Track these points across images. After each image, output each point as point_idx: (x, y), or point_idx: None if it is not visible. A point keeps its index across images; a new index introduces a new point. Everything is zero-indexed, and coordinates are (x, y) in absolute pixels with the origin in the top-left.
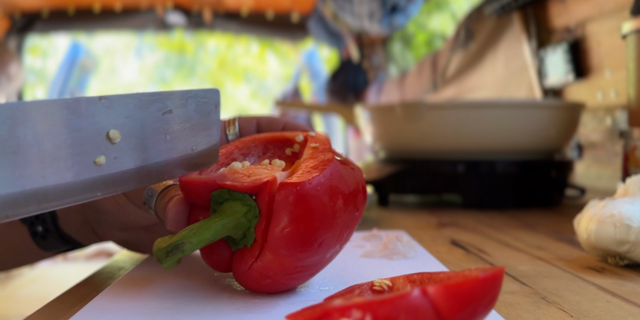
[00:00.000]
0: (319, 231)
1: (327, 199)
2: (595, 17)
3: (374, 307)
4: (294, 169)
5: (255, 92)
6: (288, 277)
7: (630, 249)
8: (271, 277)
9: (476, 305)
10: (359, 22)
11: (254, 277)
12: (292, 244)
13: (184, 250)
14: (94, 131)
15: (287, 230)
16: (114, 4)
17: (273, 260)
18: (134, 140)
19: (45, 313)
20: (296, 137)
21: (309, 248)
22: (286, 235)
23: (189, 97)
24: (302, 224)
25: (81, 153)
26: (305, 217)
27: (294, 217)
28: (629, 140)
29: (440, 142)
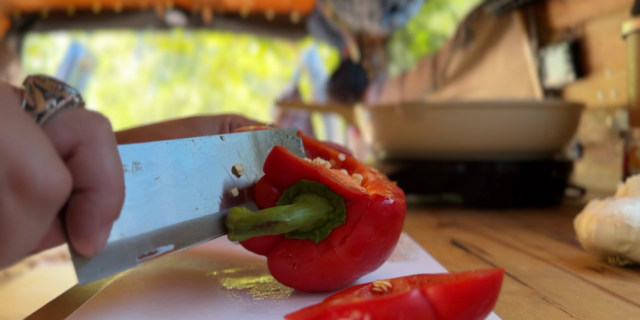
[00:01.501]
0: (391, 246)
1: (403, 219)
2: (595, 17)
3: (372, 307)
4: (370, 186)
5: (255, 92)
6: (337, 279)
7: (630, 249)
8: (324, 277)
9: (475, 306)
10: (359, 22)
11: (307, 271)
12: (369, 252)
13: (273, 230)
14: (222, 165)
15: (372, 239)
16: (113, 4)
17: (338, 262)
18: (253, 173)
19: (45, 313)
20: (339, 156)
21: (378, 259)
22: (368, 244)
23: (280, 134)
24: (385, 238)
25: (219, 186)
26: (390, 232)
27: (383, 230)
28: (629, 140)
29: (440, 142)
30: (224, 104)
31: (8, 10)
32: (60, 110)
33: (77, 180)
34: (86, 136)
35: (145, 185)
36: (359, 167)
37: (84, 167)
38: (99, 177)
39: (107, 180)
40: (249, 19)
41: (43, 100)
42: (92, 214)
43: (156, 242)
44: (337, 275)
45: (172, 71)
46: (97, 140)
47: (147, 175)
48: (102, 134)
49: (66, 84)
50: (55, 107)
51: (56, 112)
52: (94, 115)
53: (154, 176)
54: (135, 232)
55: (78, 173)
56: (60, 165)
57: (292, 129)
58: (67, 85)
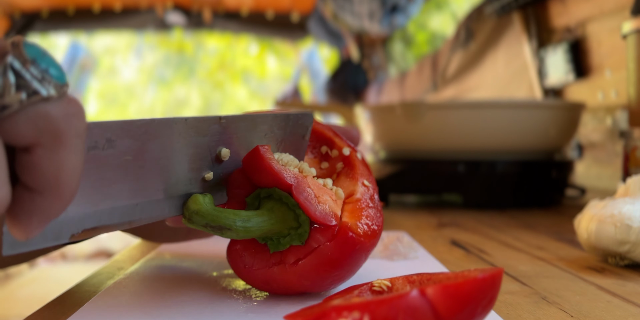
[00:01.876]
0: (346, 277)
1: (366, 255)
2: (595, 17)
3: (372, 307)
4: (350, 207)
5: (255, 92)
6: (283, 290)
7: (630, 249)
8: (270, 284)
9: (475, 306)
10: (359, 22)
11: (255, 275)
12: (318, 280)
13: (223, 234)
14: (209, 149)
15: (325, 270)
16: (113, 4)
17: (286, 279)
18: (240, 159)
19: (45, 313)
20: (343, 149)
21: (329, 286)
22: (320, 273)
23: (289, 119)
24: (339, 271)
25: (195, 169)
26: (346, 267)
27: (339, 264)
28: (629, 140)
29: (440, 142)
30: (223, 104)
31: (8, 11)
32: (29, 105)
33: (25, 178)
34: (48, 138)
35: (109, 164)
36: (354, 172)
37: (35, 169)
38: (48, 183)
39: (57, 186)
40: (249, 19)
41: (13, 92)
42: (31, 214)
43: (95, 219)
44: (284, 288)
45: (172, 71)
46: (59, 144)
47: (117, 153)
48: (68, 138)
49: (49, 68)
50: (23, 103)
51: (22, 108)
52: (67, 114)
53: (125, 156)
54: (76, 211)
55: (28, 172)
56: (3, 183)
57: (305, 114)
58: (51, 68)
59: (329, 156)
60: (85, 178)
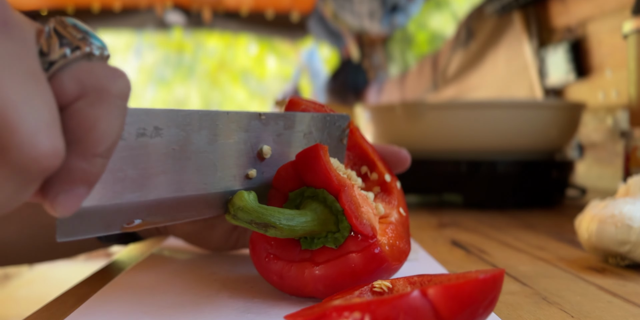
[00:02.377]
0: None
1: (382, 276)
2: (596, 16)
3: (372, 307)
4: (384, 227)
5: (255, 92)
6: (293, 289)
7: (631, 250)
8: (283, 279)
9: (476, 307)
10: (359, 22)
11: (273, 266)
12: (332, 286)
13: (267, 231)
14: (251, 146)
15: (344, 279)
16: (113, 4)
17: (301, 279)
18: (280, 157)
19: (45, 313)
20: (385, 175)
21: (333, 292)
22: (338, 281)
23: (327, 120)
24: (353, 281)
25: (239, 165)
26: (361, 280)
27: (358, 277)
28: (630, 140)
29: (440, 142)
30: (223, 104)
31: None
32: (74, 61)
33: (63, 131)
34: (92, 92)
35: (157, 153)
36: (392, 198)
37: (74, 118)
38: (85, 134)
39: (93, 139)
40: (248, 19)
41: (57, 48)
42: (72, 176)
43: (144, 211)
44: (295, 287)
45: (172, 71)
46: (100, 99)
47: (164, 142)
48: (111, 94)
49: (89, 34)
50: (68, 57)
51: (68, 63)
52: (112, 72)
53: (172, 145)
54: (126, 200)
55: (66, 123)
56: (54, 135)
57: (343, 116)
58: (91, 35)
59: (368, 178)
60: (133, 166)
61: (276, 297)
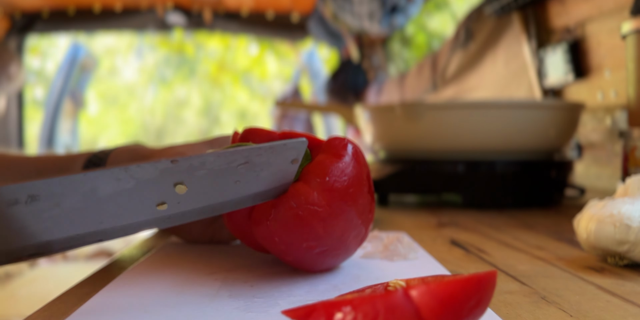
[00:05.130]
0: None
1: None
2: (594, 17)
3: (355, 304)
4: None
5: (255, 93)
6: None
7: (629, 249)
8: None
9: (459, 308)
10: (358, 22)
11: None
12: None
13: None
14: (162, 186)
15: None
16: (114, 4)
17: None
18: (201, 188)
19: (45, 313)
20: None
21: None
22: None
23: (274, 150)
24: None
25: (144, 200)
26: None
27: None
28: (628, 140)
29: (440, 142)
30: (224, 105)
31: (9, 11)
32: None
33: None
34: None
35: (35, 213)
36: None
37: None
38: None
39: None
40: (249, 19)
41: None
42: None
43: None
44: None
45: (173, 71)
46: None
47: (44, 204)
48: None
49: None
50: None
51: None
52: None
53: (53, 204)
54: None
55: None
56: None
57: (298, 142)
58: None
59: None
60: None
61: (277, 296)
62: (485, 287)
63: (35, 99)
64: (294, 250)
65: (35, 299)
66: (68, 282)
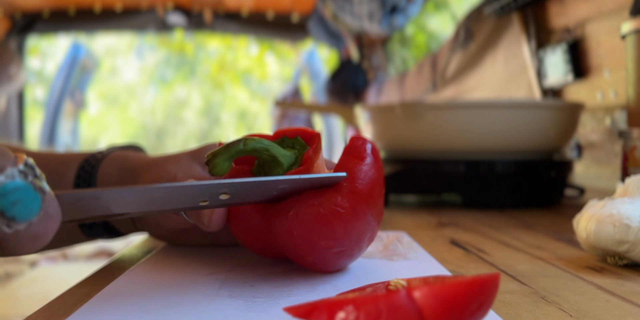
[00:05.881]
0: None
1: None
2: (594, 17)
3: (357, 304)
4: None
5: (255, 93)
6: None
7: (629, 249)
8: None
9: (462, 310)
10: (358, 23)
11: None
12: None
13: (245, 144)
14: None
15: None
16: (114, 4)
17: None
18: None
19: (45, 313)
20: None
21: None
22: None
23: (313, 181)
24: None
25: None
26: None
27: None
28: (628, 140)
29: (440, 142)
30: (224, 105)
31: (9, 11)
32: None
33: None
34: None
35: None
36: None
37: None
38: None
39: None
40: (249, 20)
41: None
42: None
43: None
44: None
45: (173, 72)
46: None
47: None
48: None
49: (13, 220)
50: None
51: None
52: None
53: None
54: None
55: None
56: None
57: (336, 176)
58: (14, 220)
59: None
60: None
61: (277, 296)
62: (488, 290)
63: (35, 99)
64: (310, 248)
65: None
66: (68, 282)
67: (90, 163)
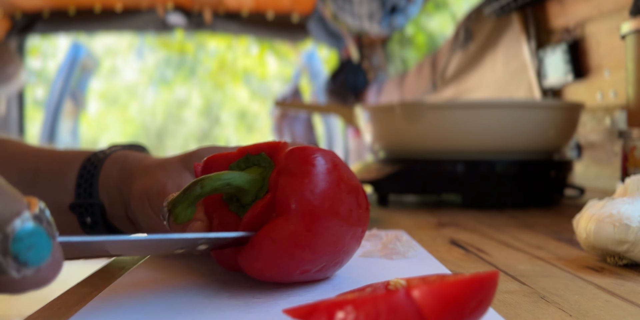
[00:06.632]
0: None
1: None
2: (594, 17)
3: (357, 304)
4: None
5: (255, 93)
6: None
7: (629, 249)
8: (278, 243)
9: (461, 308)
10: (358, 23)
11: (265, 244)
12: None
13: (203, 186)
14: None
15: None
16: (114, 4)
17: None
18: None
19: (46, 313)
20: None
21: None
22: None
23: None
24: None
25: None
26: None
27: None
28: (627, 140)
29: (439, 142)
30: (224, 105)
31: (9, 11)
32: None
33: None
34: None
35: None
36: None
37: None
38: None
39: None
40: (249, 20)
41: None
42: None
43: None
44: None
45: (173, 72)
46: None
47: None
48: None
49: (25, 265)
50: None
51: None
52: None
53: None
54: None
55: None
56: None
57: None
58: (26, 265)
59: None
60: None
61: (276, 296)
62: (487, 288)
63: (35, 99)
64: (288, 278)
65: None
66: (68, 282)
67: (93, 162)
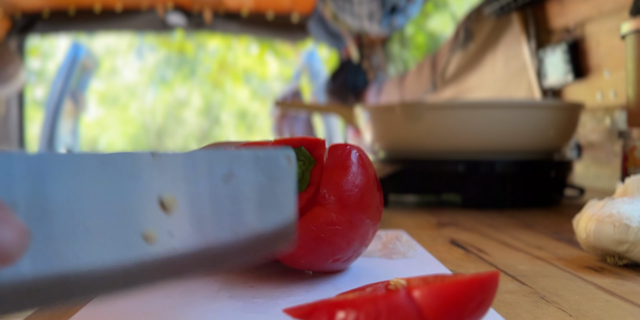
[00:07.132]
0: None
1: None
2: (594, 17)
3: (357, 304)
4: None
5: (256, 93)
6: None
7: (629, 249)
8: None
9: (462, 309)
10: (358, 23)
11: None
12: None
13: None
14: (144, 196)
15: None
16: (114, 5)
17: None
18: (191, 212)
19: (46, 313)
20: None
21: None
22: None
23: (259, 158)
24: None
25: (126, 223)
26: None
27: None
28: (627, 140)
29: (439, 142)
30: (224, 105)
31: (9, 11)
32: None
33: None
34: None
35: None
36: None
37: None
38: None
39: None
40: (249, 20)
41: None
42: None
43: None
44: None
45: (173, 72)
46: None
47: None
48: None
49: None
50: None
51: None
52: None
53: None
54: None
55: None
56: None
57: (285, 151)
58: None
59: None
60: None
61: (276, 297)
62: (488, 288)
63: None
64: (320, 266)
65: None
66: None
67: None
